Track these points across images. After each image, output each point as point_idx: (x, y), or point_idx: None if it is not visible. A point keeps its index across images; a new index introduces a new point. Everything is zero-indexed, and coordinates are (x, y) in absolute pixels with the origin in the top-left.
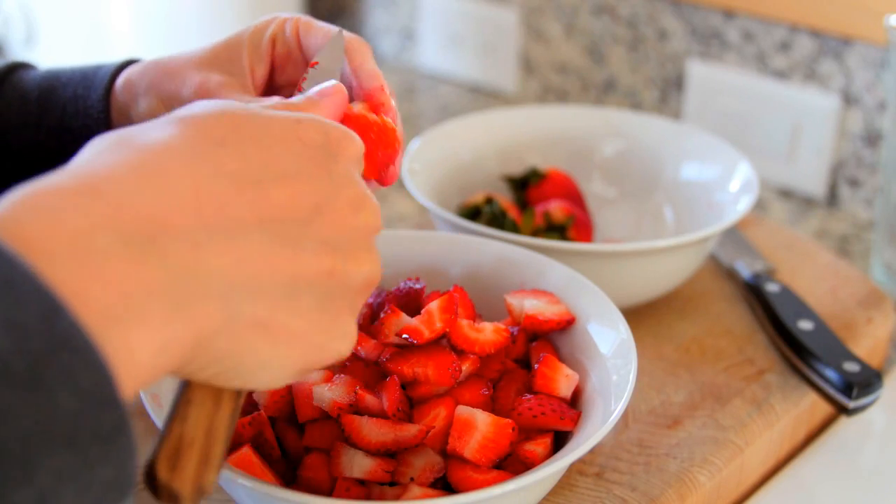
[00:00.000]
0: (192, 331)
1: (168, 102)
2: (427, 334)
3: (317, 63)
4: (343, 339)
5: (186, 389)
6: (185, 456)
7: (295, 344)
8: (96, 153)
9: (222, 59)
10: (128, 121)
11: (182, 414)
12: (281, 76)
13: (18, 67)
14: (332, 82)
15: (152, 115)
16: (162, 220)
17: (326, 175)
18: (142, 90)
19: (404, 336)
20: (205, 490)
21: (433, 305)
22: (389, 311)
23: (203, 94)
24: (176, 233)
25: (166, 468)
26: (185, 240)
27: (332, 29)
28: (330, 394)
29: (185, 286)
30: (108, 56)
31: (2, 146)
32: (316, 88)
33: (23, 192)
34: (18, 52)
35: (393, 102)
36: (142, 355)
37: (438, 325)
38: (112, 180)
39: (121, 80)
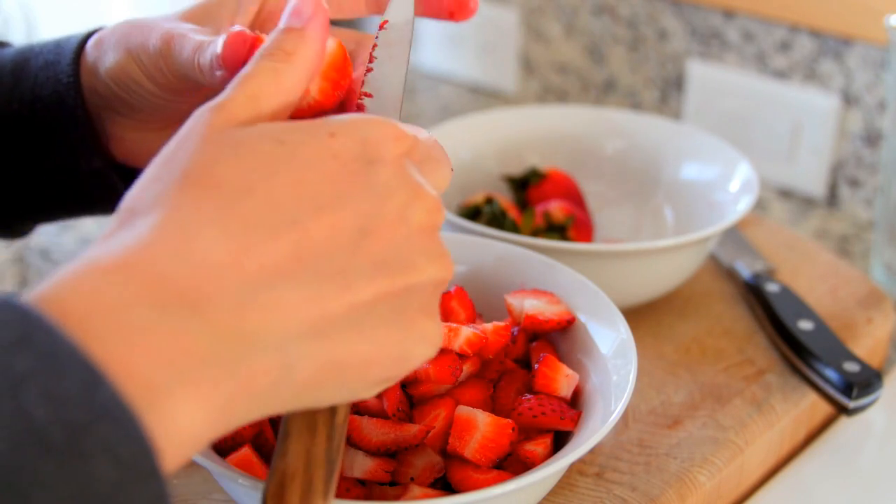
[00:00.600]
0: (248, 389)
1: (135, 54)
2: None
3: (387, 23)
4: (423, 343)
5: (284, 422)
6: (289, 489)
7: (369, 365)
8: (123, 230)
9: (198, 15)
10: (95, 78)
11: (282, 449)
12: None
13: None
14: None
15: (121, 69)
16: (201, 288)
17: (367, 190)
18: (111, 45)
19: None
20: None
21: (465, 331)
22: None
23: (168, 39)
24: (216, 298)
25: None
26: (226, 303)
27: None
28: None
29: (233, 348)
30: None
31: None
32: (287, 11)
33: (63, 273)
34: None
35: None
36: (192, 422)
37: (457, 349)
38: (145, 255)
39: (92, 41)
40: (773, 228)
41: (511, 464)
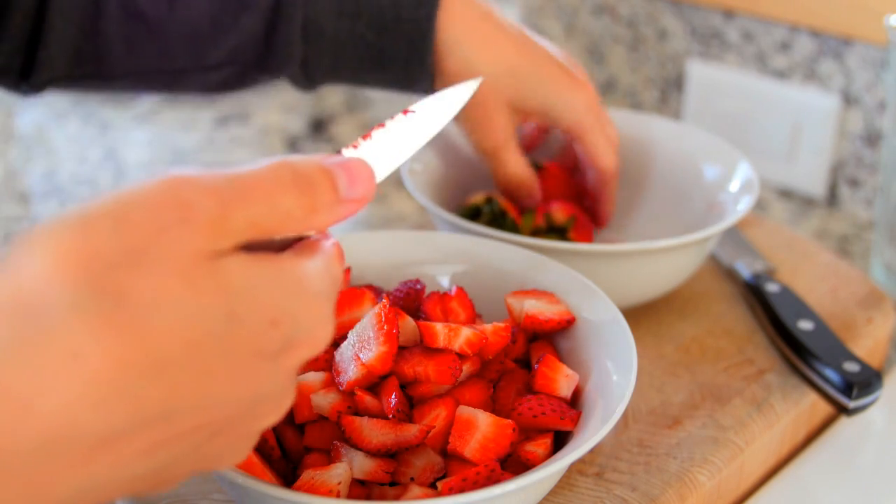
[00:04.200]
0: None
1: None
2: (441, 344)
3: (411, 113)
4: (235, 456)
5: None
6: None
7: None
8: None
9: None
10: None
11: None
12: None
13: None
14: (359, 160)
15: None
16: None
17: (252, 401)
18: None
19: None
20: None
21: (465, 331)
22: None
23: None
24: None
25: None
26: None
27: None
28: (328, 400)
29: None
30: None
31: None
32: (347, 160)
33: None
34: None
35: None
36: None
37: (457, 350)
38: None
39: None
40: (773, 228)
41: (511, 464)
